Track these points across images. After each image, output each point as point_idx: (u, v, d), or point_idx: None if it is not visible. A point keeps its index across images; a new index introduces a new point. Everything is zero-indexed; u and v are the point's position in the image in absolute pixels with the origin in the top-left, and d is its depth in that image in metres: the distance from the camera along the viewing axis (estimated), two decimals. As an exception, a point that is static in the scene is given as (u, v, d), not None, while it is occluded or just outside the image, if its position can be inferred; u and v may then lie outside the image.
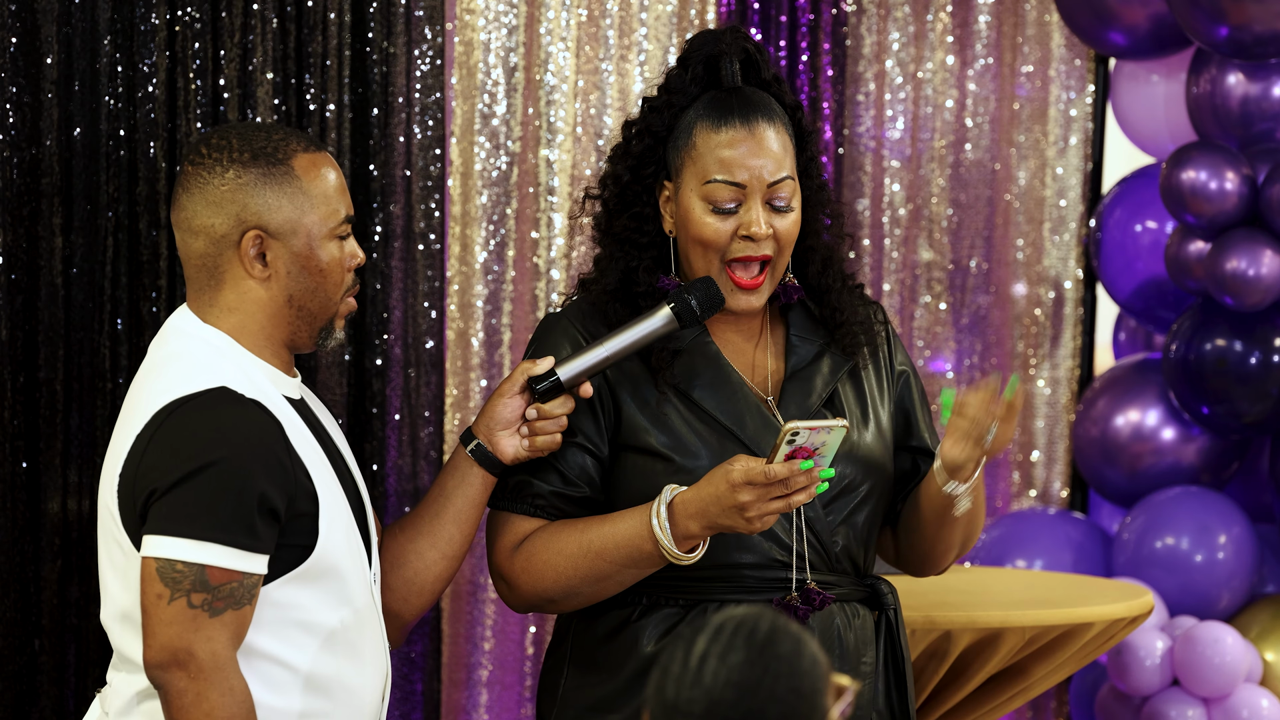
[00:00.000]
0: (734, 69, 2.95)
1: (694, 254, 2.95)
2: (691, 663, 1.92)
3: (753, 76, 2.98)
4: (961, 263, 5.37)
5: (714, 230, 2.92)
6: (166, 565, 2.61)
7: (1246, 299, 4.81)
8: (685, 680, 1.92)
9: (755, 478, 2.75)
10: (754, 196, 2.91)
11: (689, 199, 2.93)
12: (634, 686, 2.94)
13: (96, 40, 4.09)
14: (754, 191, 2.91)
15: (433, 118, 4.51)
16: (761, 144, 2.91)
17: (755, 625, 1.93)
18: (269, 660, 2.71)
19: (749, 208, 2.91)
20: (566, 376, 2.91)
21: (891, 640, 3.04)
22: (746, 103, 2.93)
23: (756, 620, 1.94)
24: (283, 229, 2.75)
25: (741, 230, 2.91)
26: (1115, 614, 4.02)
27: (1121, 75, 5.32)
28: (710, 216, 2.92)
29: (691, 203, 2.93)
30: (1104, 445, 5.19)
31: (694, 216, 2.93)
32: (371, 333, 4.46)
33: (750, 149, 2.91)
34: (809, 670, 1.92)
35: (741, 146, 2.91)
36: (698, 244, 2.93)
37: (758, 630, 1.93)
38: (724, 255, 2.93)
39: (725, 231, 2.92)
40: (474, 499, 2.95)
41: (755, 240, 2.91)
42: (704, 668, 1.92)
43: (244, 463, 2.63)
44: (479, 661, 4.82)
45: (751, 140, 2.91)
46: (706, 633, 1.94)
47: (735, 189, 2.91)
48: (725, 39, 2.97)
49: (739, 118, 2.91)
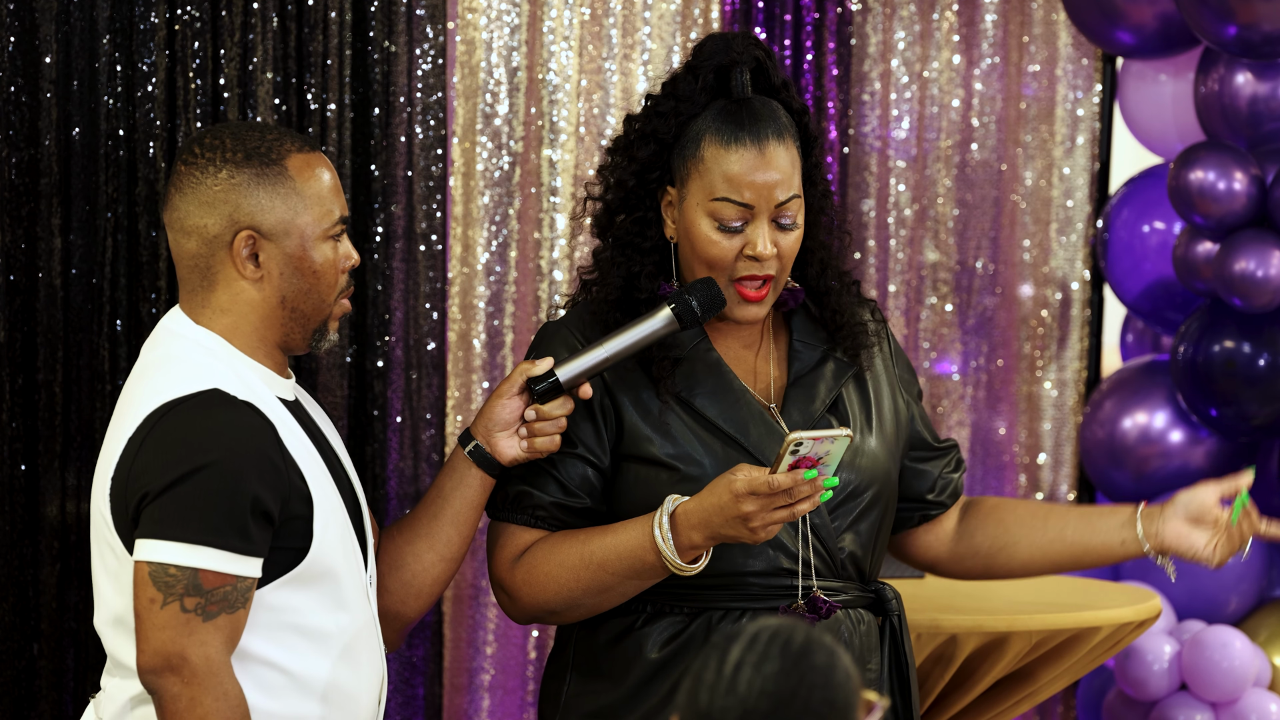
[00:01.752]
0: (744, 79, 2.92)
1: (698, 269, 2.93)
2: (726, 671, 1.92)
3: (762, 84, 2.95)
4: (967, 263, 5.37)
5: (720, 250, 2.90)
6: (159, 569, 2.60)
7: (1255, 300, 4.80)
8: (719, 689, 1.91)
9: (759, 488, 2.73)
10: (761, 217, 2.89)
11: (694, 212, 2.91)
12: (638, 694, 2.92)
13: (95, 39, 4.10)
14: (761, 212, 2.89)
15: (434, 117, 4.50)
16: (771, 163, 2.88)
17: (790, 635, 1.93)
18: (263, 664, 2.70)
19: (755, 227, 2.89)
20: (565, 377, 2.89)
21: (896, 646, 3.02)
22: (756, 118, 2.90)
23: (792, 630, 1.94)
24: (275, 230, 2.73)
25: (747, 250, 2.89)
26: (1123, 618, 4.02)
27: (1129, 74, 5.31)
28: (716, 234, 2.89)
29: (697, 217, 2.91)
30: (1111, 448, 5.18)
31: (699, 233, 2.90)
32: (373, 334, 4.47)
33: (759, 168, 2.88)
34: (843, 683, 1.92)
35: (751, 165, 2.87)
36: (702, 262, 2.92)
37: (793, 640, 1.93)
38: (729, 274, 2.91)
39: (731, 250, 2.89)
40: (472, 501, 2.93)
41: (760, 261, 2.89)
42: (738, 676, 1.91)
43: (237, 465, 2.62)
44: (481, 666, 4.82)
45: (761, 159, 2.88)
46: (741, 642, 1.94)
47: (742, 208, 2.88)
48: (737, 47, 2.93)
49: (749, 135, 2.88)
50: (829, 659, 1.92)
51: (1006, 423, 5.41)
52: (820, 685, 1.91)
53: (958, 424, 5.38)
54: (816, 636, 1.93)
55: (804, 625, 1.94)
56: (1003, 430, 5.41)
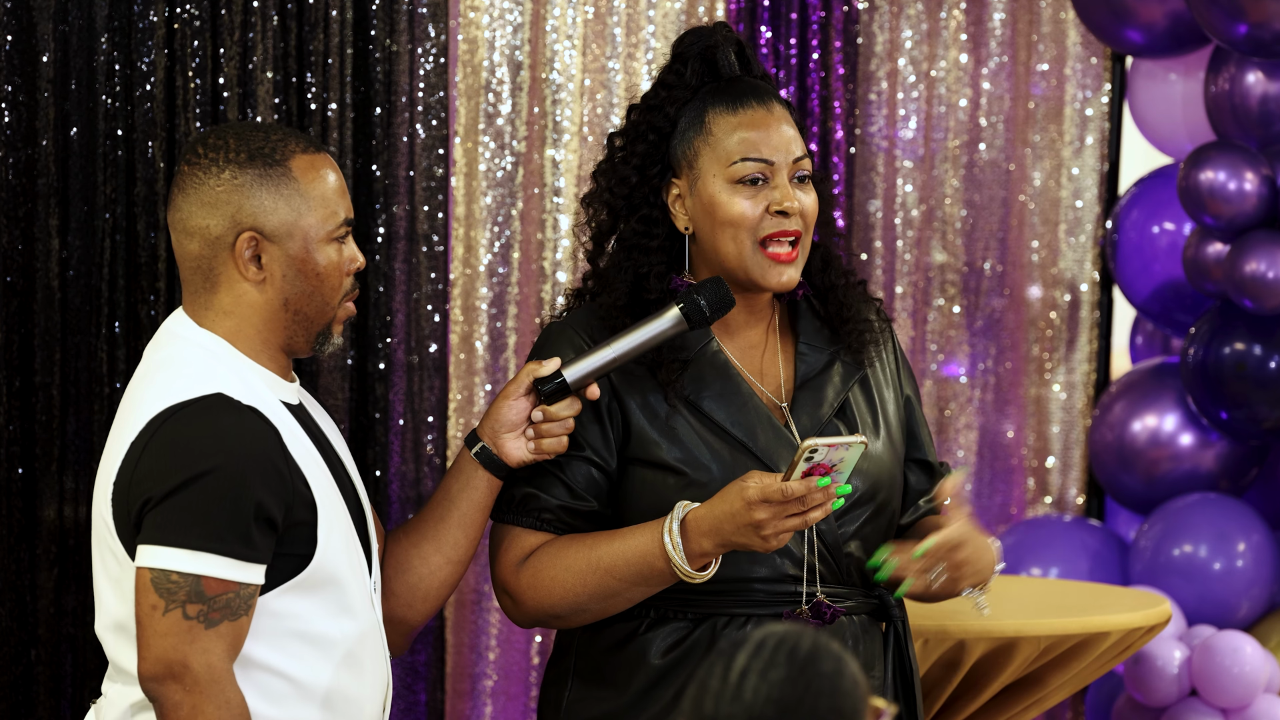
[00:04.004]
0: (731, 59, 2.95)
1: (723, 239, 2.91)
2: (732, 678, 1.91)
3: (745, 70, 2.98)
4: (975, 265, 5.37)
5: (745, 210, 2.89)
6: (161, 576, 2.58)
7: (1266, 302, 4.80)
8: (725, 696, 1.90)
9: (772, 495, 2.72)
10: (781, 172, 2.90)
11: (712, 185, 2.91)
12: (641, 701, 2.91)
13: (94, 38, 4.11)
14: (781, 167, 2.90)
15: (436, 117, 4.51)
16: (781, 119, 2.92)
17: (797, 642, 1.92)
18: (266, 671, 2.68)
19: (777, 184, 2.90)
20: (573, 378, 2.87)
21: (899, 652, 3.01)
22: (754, 86, 2.94)
23: (799, 637, 1.93)
24: (279, 231, 2.72)
25: (773, 206, 2.89)
26: (1132, 623, 4.02)
27: (1138, 74, 5.32)
28: (739, 196, 2.90)
29: (716, 188, 2.91)
30: (1121, 451, 5.18)
31: (721, 199, 2.90)
32: (374, 336, 4.48)
33: (772, 126, 2.91)
34: (850, 690, 1.91)
35: (763, 123, 2.91)
36: (728, 225, 2.90)
37: (800, 647, 1.91)
38: (755, 234, 2.90)
39: (757, 209, 2.90)
40: (479, 502, 2.92)
41: (788, 215, 2.90)
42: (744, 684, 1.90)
43: (240, 471, 2.61)
44: (484, 671, 4.82)
45: (771, 118, 2.91)
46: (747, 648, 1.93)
47: (763, 164, 2.90)
48: (719, 33, 2.97)
49: (753, 98, 2.92)
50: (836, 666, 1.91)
51: (1015, 426, 5.41)
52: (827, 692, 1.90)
53: (965, 427, 5.38)
54: (824, 643, 1.92)
55: (811, 632, 1.93)
56: (1011, 433, 5.41)
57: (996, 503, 5.44)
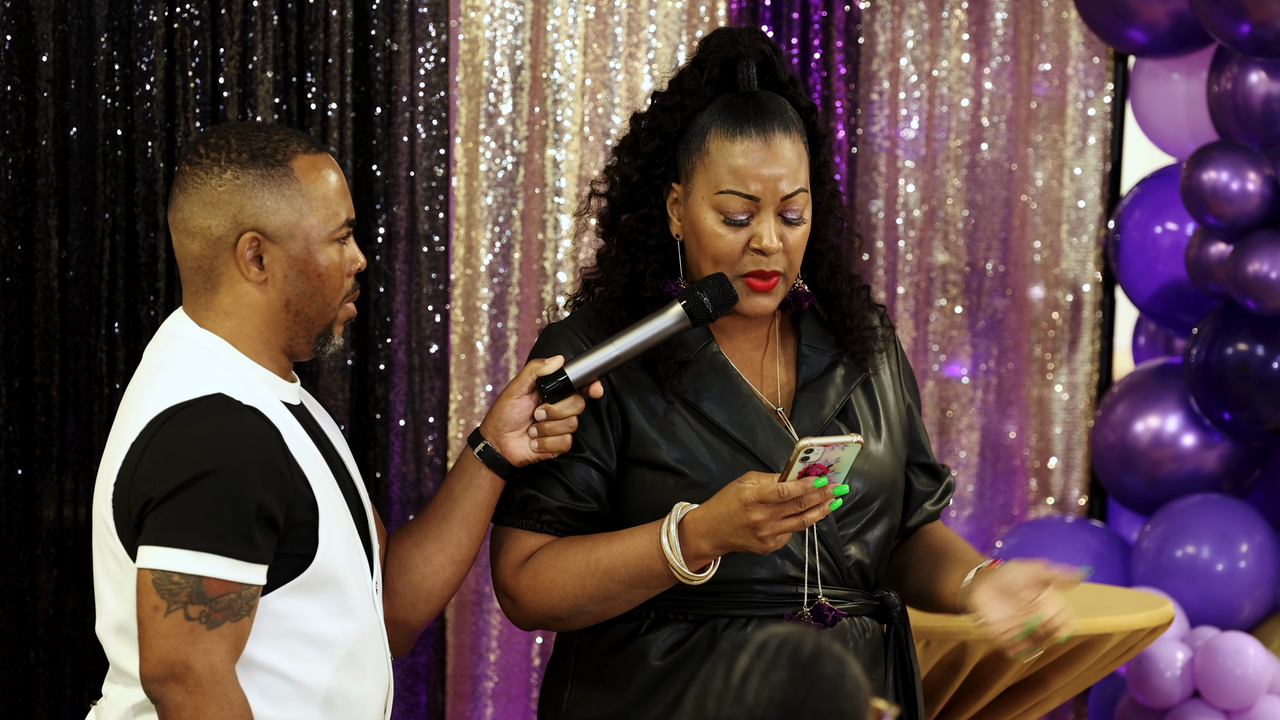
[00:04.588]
0: (750, 73, 2.91)
1: (704, 265, 2.91)
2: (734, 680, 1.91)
3: (769, 79, 2.94)
4: (977, 265, 5.37)
5: (726, 244, 2.88)
6: (163, 577, 2.58)
7: (1269, 302, 4.80)
8: (727, 697, 1.90)
9: (768, 496, 2.71)
10: (767, 209, 2.87)
11: (699, 206, 2.89)
12: (640, 702, 2.91)
13: (93, 38, 4.11)
14: (766, 205, 2.87)
15: (437, 117, 4.51)
16: (777, 155, 2.87)
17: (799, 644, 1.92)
18: (268, 672, 2.68)
19: (761, 220, 2.87)
20: (576, 376, 2.87)
21: (900, 653, 3.01)
22: (762, 111, 2.88)
23: (801, 639, 1.92)
24: (280, 232, 2.71)
25: (753, 243, 2.87)
26: (1135, 624, 4.02)
27: (1141, 74, 5.32)
28: (722, 228, 2.88)
29: (702, 211, 2.89)
30: (1123, 452, 5.19)
31: (704, 227, 2.88)
32: (374, 337, 4.48)
33: (765, 160, 2.86)
34: (852, 692, 1.90)
35: (756, 157, 2.86)
36: (708, 257, 2.89)
37: (801, 649, 1.91)
38: (735, 269, 2.89)
39: (737, 244, 2.87)
40: (482, 502, 2.92)
41: (766, 254, 2.87)
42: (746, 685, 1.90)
43: (241, 471, 2.60)
44: (484, 673, 4.83)
45: (766, 151, 2.86)
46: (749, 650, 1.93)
47: (748, 201, 2.86)
48: (743, 40, 2.93)
49: (755, 127, 2.87)
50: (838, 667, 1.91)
51: (1017, 426, 5.41)
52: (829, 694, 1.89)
53: (967, 428, 5.37)
54: (826, 645, 1.92)
55: (813, 633, 1.93)
56: (1013, 434, 5.41)
57: (998, 504, 5.43)
